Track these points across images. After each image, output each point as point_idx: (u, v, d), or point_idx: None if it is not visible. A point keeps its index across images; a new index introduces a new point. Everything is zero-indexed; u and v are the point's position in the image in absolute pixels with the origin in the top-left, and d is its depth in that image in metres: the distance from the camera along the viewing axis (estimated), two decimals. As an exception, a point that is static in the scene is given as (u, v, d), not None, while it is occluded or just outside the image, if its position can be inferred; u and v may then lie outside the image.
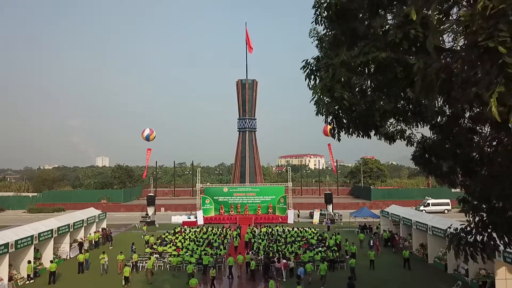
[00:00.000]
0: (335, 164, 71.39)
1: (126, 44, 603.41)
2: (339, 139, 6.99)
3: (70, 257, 26.75)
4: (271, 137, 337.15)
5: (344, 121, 6.68)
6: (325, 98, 6.19)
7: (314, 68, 6.75)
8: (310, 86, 6.57)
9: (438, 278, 21.71)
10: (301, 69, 6.84)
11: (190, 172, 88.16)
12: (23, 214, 53.13)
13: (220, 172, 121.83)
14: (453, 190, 64.63)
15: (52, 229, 24.63)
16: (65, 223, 26.72)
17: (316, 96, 6.24)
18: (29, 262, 21.68)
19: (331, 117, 6.61)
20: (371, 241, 27.82)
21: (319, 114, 6.49)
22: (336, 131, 6.86)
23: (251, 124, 65.08)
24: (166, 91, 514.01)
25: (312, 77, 6.82)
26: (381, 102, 6.37)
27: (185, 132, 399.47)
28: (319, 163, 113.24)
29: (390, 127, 7.80)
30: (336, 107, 6.46)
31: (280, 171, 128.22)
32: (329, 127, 6.95)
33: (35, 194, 64.08)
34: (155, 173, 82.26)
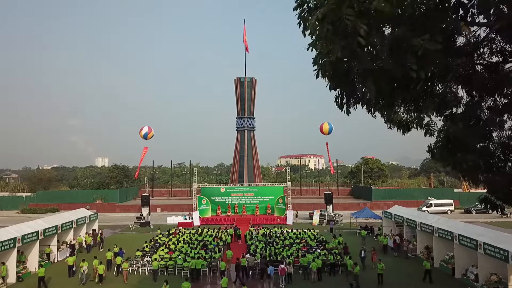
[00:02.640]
0: (334, 163, 70.06)
1: (126, 44, 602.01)
2: (348, 112, 5.34)
3: (57, 260, 25.45)
4: (271, 137, 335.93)
5: (357, 79, 4.96)
6: (327, 35, 4.33)
7: (312, 6, 4.78)
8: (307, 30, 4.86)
9: (445, 283, 20.41)
10: (294, 9, 5.02)
11: (188, 172, 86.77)
12: (16, 214, 51.83)
13: (219, 172, 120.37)
14: (455, 190, 63.60)
15: (38, 231, 23.30)
16: (52, 224, 25.39)
17: (314, 36, 4.60)
18: (2, 263, 20.28)
19: (336, 86, 4.92)
20: (363, 252, 23.75)
21: (319, 74, 4.86)
22: (344, 99, 5.25)
23: (249, 123, 63.93)
24: (166, 91, 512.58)
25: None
26: (420, 40, 4.22)
27: (185, 132, 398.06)
28: (319, 163, 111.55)
29: (404, 114, 6.52)
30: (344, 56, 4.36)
31: (279, 171, 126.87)
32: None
33: (29, 194, 62.81)
34: (152, 173, 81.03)
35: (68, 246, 27.05)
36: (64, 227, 26.97)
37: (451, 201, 51.26)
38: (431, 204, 49.27)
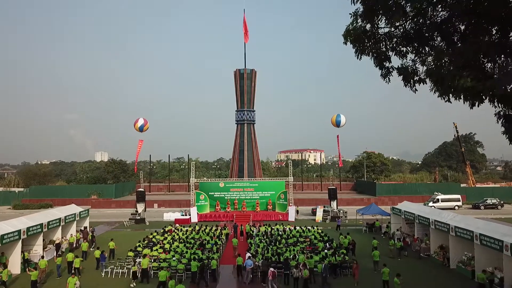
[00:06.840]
0: (336, 158, 68.17)
1: (125, 38, 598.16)
2: (387, 75, 3.55)
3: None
4: (271, 132, 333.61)
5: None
6: None
7: None
8: None
9: (466, 287, 18.63)
10: None
11: (187, 167, 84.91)
12: (8, 210, 50.05)
13: (218, 166, 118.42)
14: (462, 185, 61.74)
15: (20, 230, 21.42)
16: (37, 222, 23.51)
17: None
18: None
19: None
20: (324, 267, 19.19)
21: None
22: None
23: (249, 116, 61.97)
24: (166, 85, 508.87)
25: None
26: None
27: (184, 126, 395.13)
28: (320, 157, 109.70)
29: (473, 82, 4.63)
30: None
31: (280, 166, 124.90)
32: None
33: (22, 189, 60.92)
34: (149, 167, 79.21)
35: (54, 245, 25.22)
36: (51, 225, 25.07)
37: (459, 196, 49.44)
38: (438, 199, 47.42)
